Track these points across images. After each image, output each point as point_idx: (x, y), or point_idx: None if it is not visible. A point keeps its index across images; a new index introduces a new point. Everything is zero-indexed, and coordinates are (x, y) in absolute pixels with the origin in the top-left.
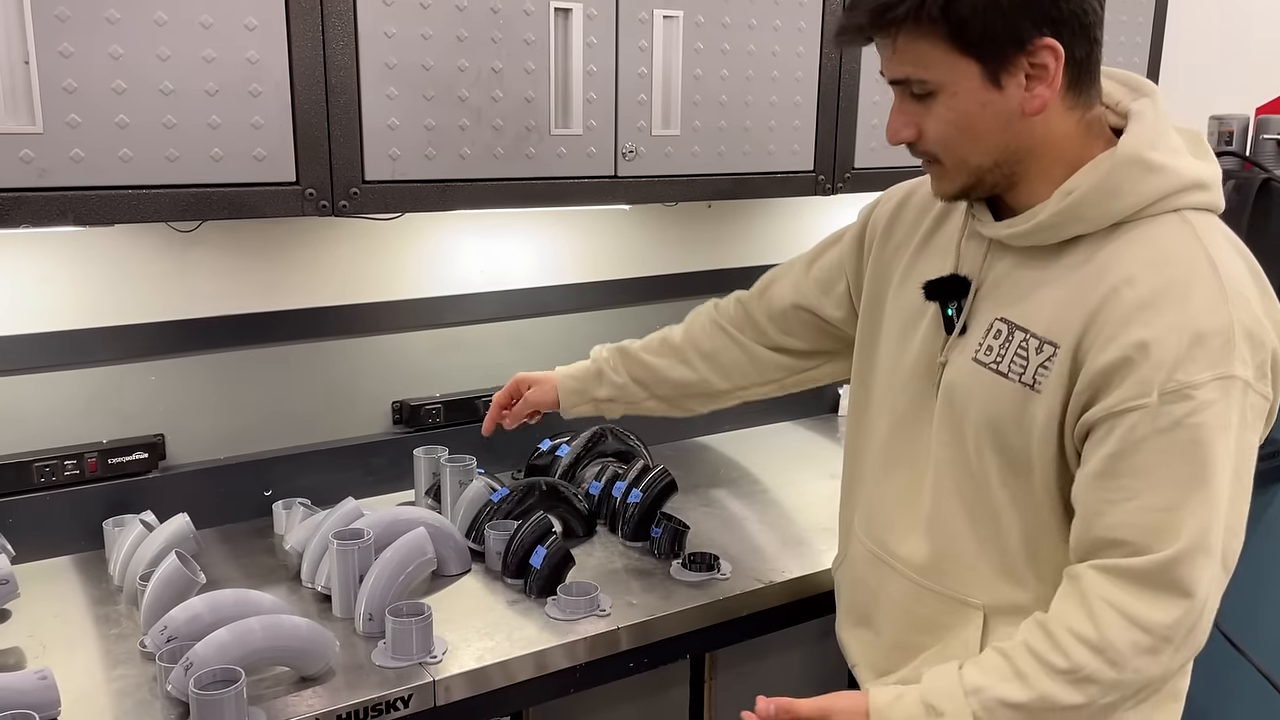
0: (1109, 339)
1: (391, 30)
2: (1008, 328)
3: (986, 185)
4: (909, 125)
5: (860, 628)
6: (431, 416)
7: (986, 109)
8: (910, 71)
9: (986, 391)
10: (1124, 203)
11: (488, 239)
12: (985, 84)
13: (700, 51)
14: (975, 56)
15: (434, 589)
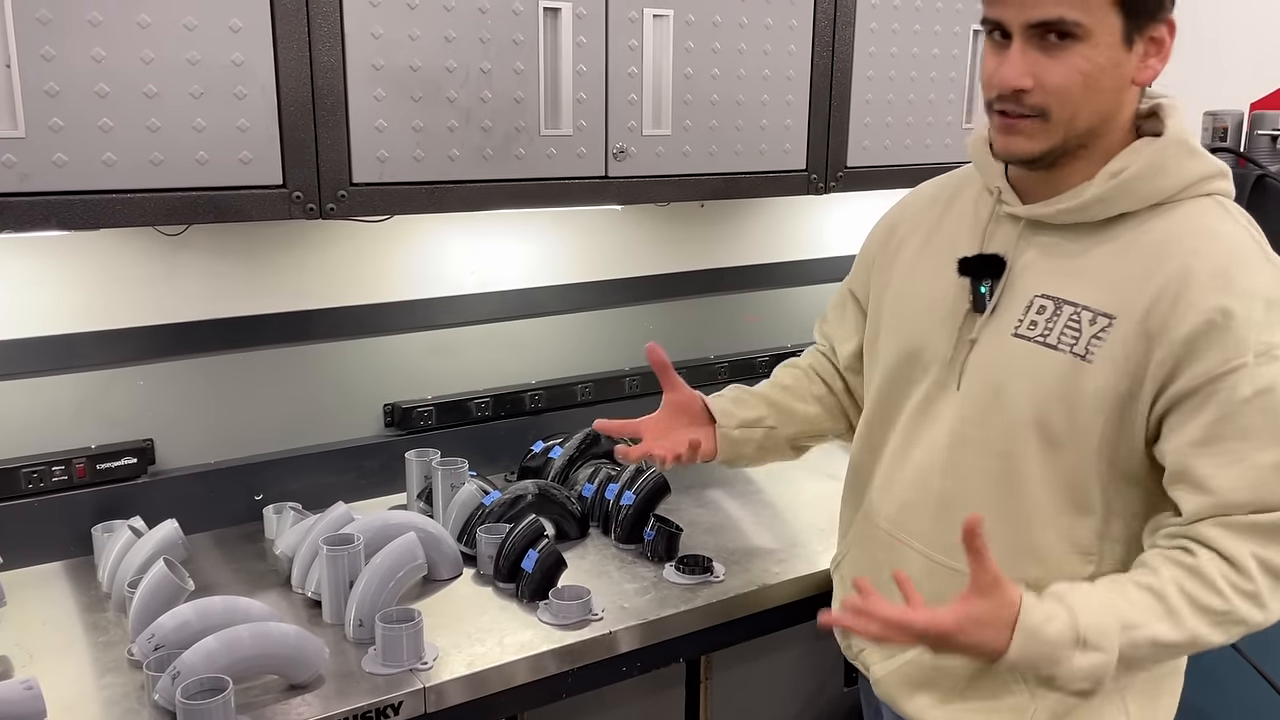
0: (1189, 306)
1: (378, 31)
2: (1053, 303)
3: (1064, 151)
4: (1027, 75)
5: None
6: (423, 419)
7: (1115, 68)
8: (1068, 11)
9: (1030, 364)
10: (1169, 181)
11: (479, 240)
12: (1122, 42)
13: (691, 51)
14: (1124, 12)
15: (425, 594)
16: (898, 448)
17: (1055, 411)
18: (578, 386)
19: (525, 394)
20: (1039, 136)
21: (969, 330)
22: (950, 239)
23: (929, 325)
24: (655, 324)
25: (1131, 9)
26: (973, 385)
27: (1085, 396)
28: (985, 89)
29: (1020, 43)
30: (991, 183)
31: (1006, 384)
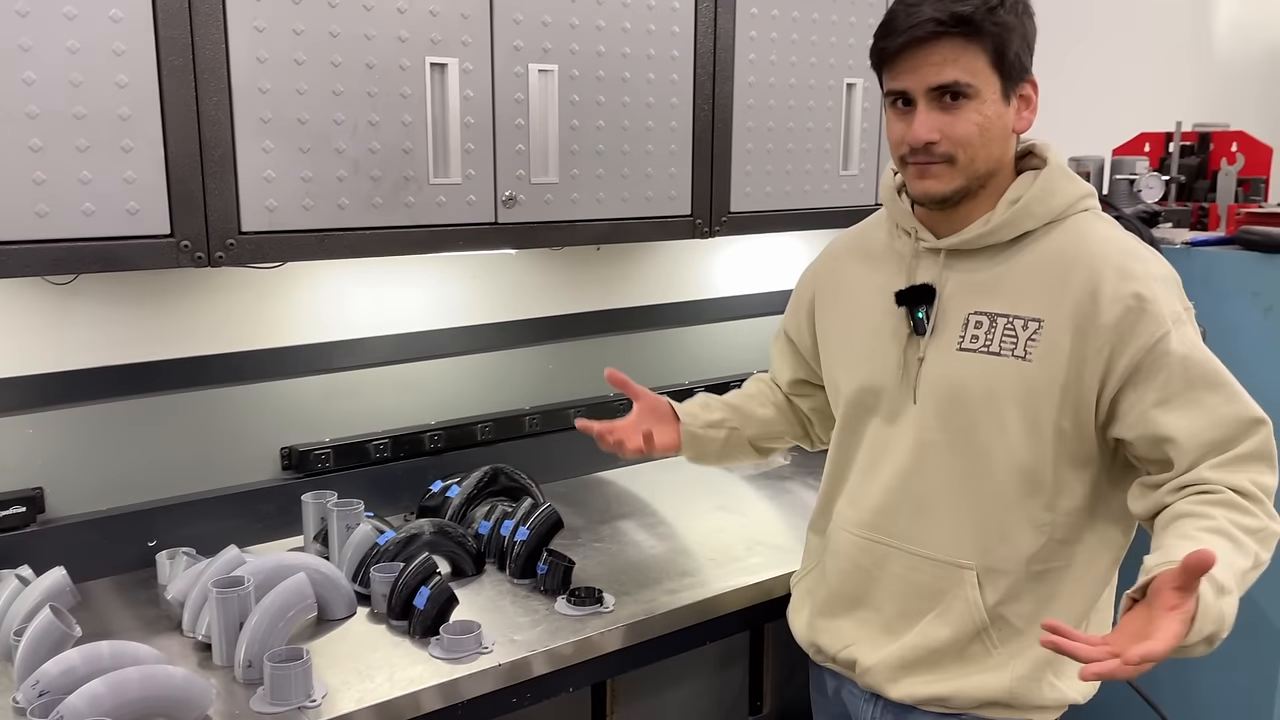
0: (1108, 298)
1: (266, 86)
2: (988, 318)
3: (968, 191)
4: (934, 130)
5: (856, 610)
6: (321, 461)
7: (999, 120)
8: (960, 76)
9: (980, 371)
10: (1057, 201)
11: (377, 284)
12: (1002, 99)
13: (576, 103)
14: (1001, 75)
15: (318, 634)
16: (864, 465)
17: (1007, 407)
18: (478, 426)
19: (424, 434)
20: (947, 178)
21: (915, 351)
22: (880, 279)
23: (877, 356)
24: (555, 364)
25: (1005, 72)
26: (928, 396)
27: (1030, 391)
28: (896, 147)
29: (924, 105)
30: (907, 224)
31: (961, 391)
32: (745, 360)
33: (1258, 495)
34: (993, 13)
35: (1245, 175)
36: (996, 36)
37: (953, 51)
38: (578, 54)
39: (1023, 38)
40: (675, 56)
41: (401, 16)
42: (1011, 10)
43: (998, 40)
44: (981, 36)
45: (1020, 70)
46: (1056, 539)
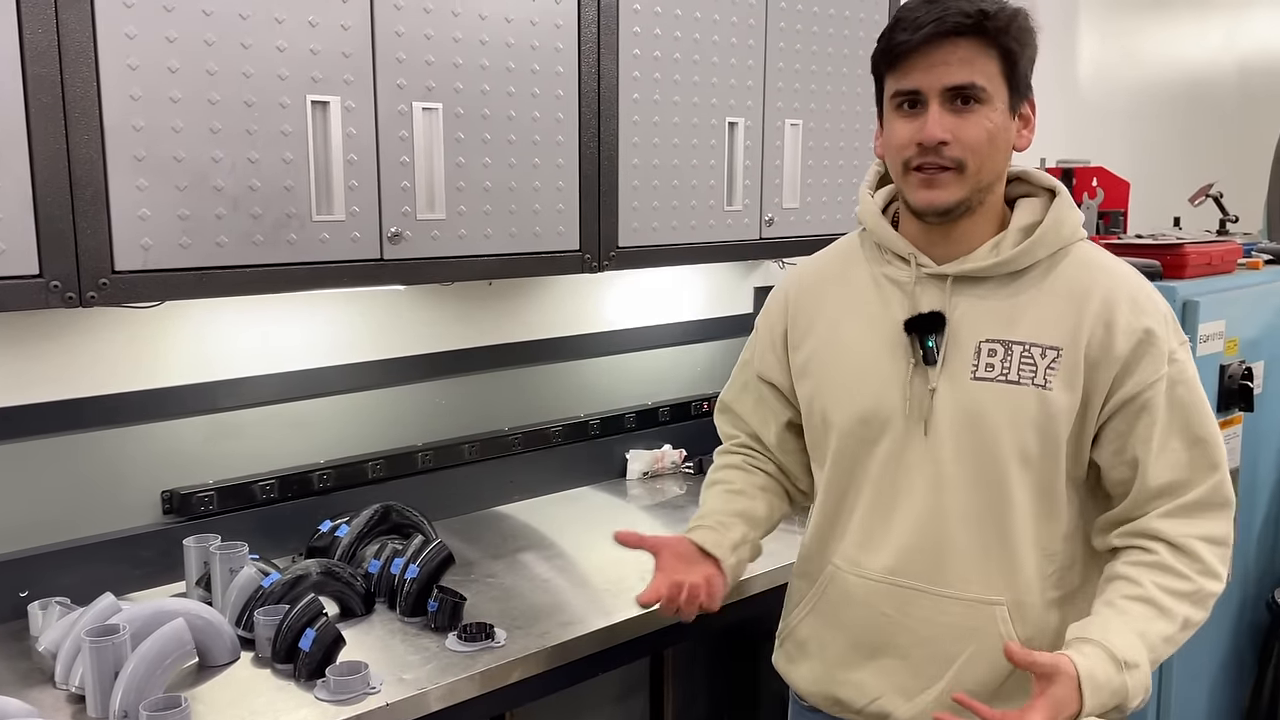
0: (1123, 329)
1: (140, 124)
2: (1002, 346)
3: (969, 204)
4: (947, 131)
5: (878, 659)
6: (205, 504)
7: (1005, 132)
8: (976, 78)
9: (1000, 400)
10: (1065, 231)
11: (263, 321)
12: (1009, 111)
13: (461, 141)
14: (1010, 86)
15: (200, 680)
16: (873, 503)
17: (1030, 437)
18: (368, 464)
19: (313, 474)
20: (954, 186)
21: (925, 382)
22: (867, 309)
23: (876, 387)
24: (448, 399)
25: (1014, 84)
26: (942, 429)
27: (1051, 419)
28: (901, 151)
29: (937, 106)
30: (903, 250)
31: (980, 422)
32: (637, 393)
33: (1198, 553)
34: (1014, 20)
35: (1105, 208)
36: (1011, 48)
37: (970, 52)
38: (462, 92)
39: (1031, 55)
40: (560, 95)
41: (281, 54)
42: (1024, 27)
43: (1013, 50)
44: (1000, 42)
45: (1026, 86)
46: (1063, 564)
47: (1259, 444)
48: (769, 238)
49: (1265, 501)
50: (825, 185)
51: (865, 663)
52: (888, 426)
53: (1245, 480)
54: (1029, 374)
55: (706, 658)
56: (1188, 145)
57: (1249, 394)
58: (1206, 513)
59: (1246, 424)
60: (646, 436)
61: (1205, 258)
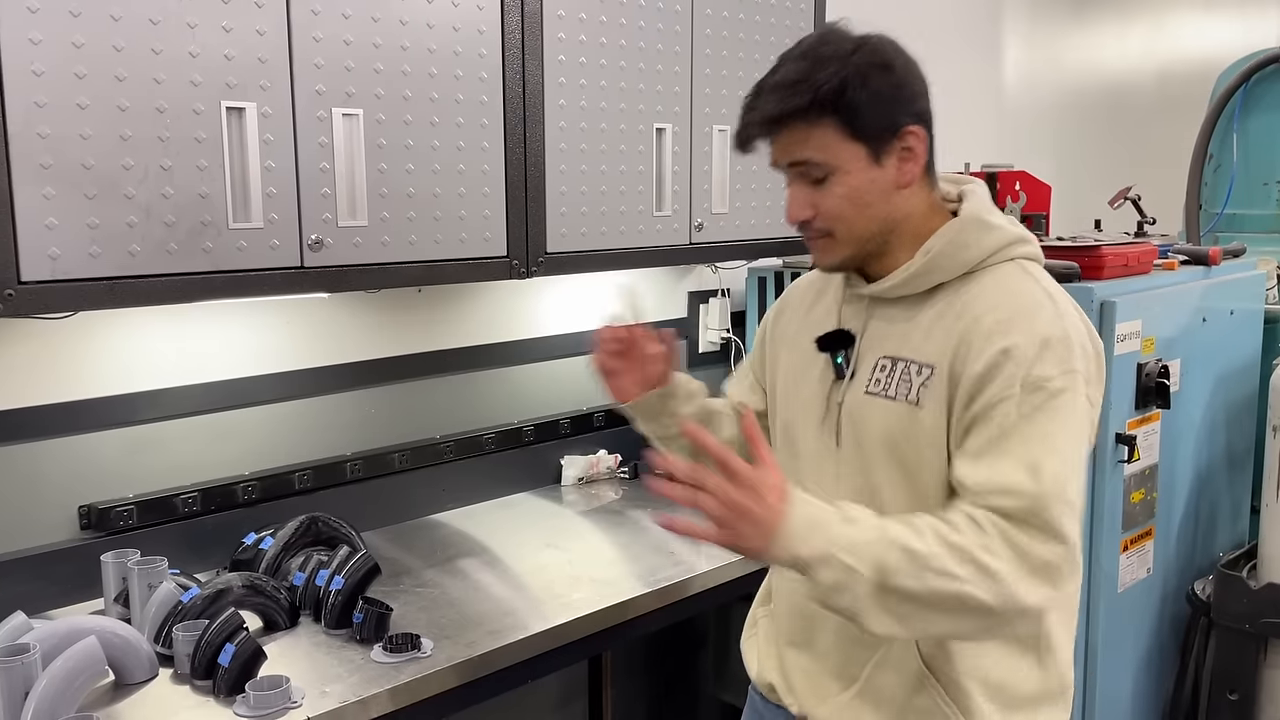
0: (979, 351)
1: (45, 131)
2: (891, 362)
3: (865, 254)
4: (806, 206)
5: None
6: (124, 519)
7: (873, 184)
8: (811, 155)
9: (880, 414)
10: (971, 253)
11: (183, 331)
12: (870, 163)
13: (384, 147)
14: (863, 140)
15: (116, 699)
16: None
17: (905, 449)
18: (295, 475)
19: (237, 485)
20: (832, 251)
21: (836, 395)
22: (818, 320)
23: (805, 396)
24: (378, 407)
25: (866, 137)
26: (846, 440)
27: (924, 433)
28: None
29: (792, 184)
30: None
31: (865, 435)
32: (572, 398)
33: (986, 528)
34: (831, 93)
35: (1028, 211)
36: (844, 111)
37: (798, 136)
38: (384, 98)
39: (881, 98)
40: (484, 101)
41: (194, 60)
42: (859, 78)
43: (846, 114)
44: (823, 117)
45: (888, 128)
46: None
47: (1176, 441)
48: (699, 243)
49: (1183, 497)
50: (754, 190)
51: (793, 658)
52: (808, 435)
53: (1164, 476)
54: (905, 390)
55: (644, 661)
56: (1108, 149)
57: (1166, 391)
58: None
59: (1164, 421)
60: (581, 442)
61: (1122, 259)
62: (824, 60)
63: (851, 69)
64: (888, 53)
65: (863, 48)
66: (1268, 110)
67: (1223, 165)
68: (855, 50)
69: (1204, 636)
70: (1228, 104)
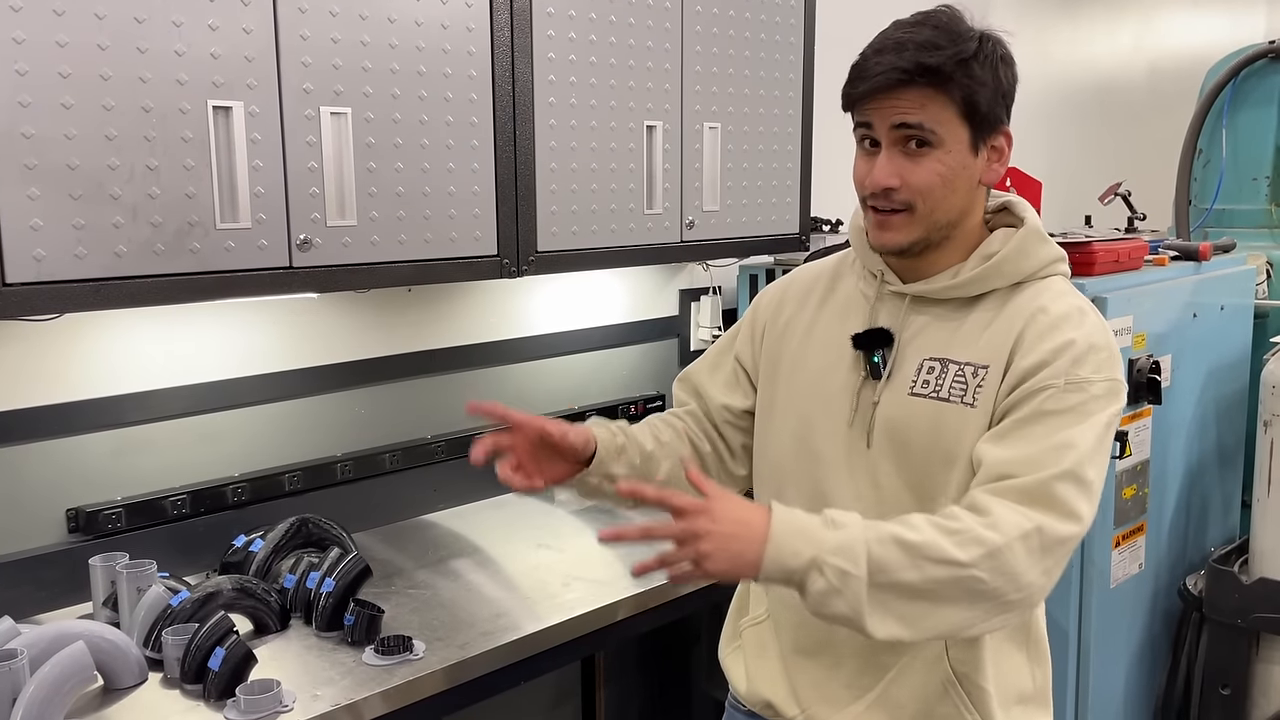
0: (1033, 345)
1: (30, 131)
2: (940, 364)
3: (929, 242)
4: (894, 175)
5: (815, 664)
6: (112, 522)
7: (965, 170)
8: (925, 120)
9: (930, 416)
10: (1028, 263)
11: (171, 332)
12: (969, 149)
13: (372, 146)
14: (971, 125)
15: (104, 705)
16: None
17: (955, 451)
18: (285, 476)
19: (227, 487)
20: (906, 229)
21: (870, 395)
22: (839, 318)
23: (827, 395)
24: (367, 408)
25: (975, 123)
26: (882, 440)
27: (975, 435)
28: (859, 189)
29: (887, 149)
30: (874, 266)
31: (908, 436)
32: (563, 397)
33: (986, 507)
34: (963, 65)
35: None
36: (966, 88)
37: (919, 99)
38: (372, 97)
39: (997, 89)
40: (474, 99)
41: (180, 59)
42: (986, 62)
43: (968, 92)
44: (950, 87)
45: (993, 121)
46: None
47: (1168, 436)
48: (690, 240)
49: (1175, 492)
50: (745, 188)
51: (801, 668)
52: (832, 435)
53: (1155, 471)
54: (959, 391)
55: (638, 661)
56: (1098, 145)
57: (1157, 387)
58: (1031, 503)
59: (1155, 417)
60: None
61: (1113, 255)
62: (962, 36)
63: (987, 51)
64: (1007, 49)
65: (988, 36)
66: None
67: (1212, 161)
68: (984, 36)
69: (1196, 631)
70: (1216, 99)
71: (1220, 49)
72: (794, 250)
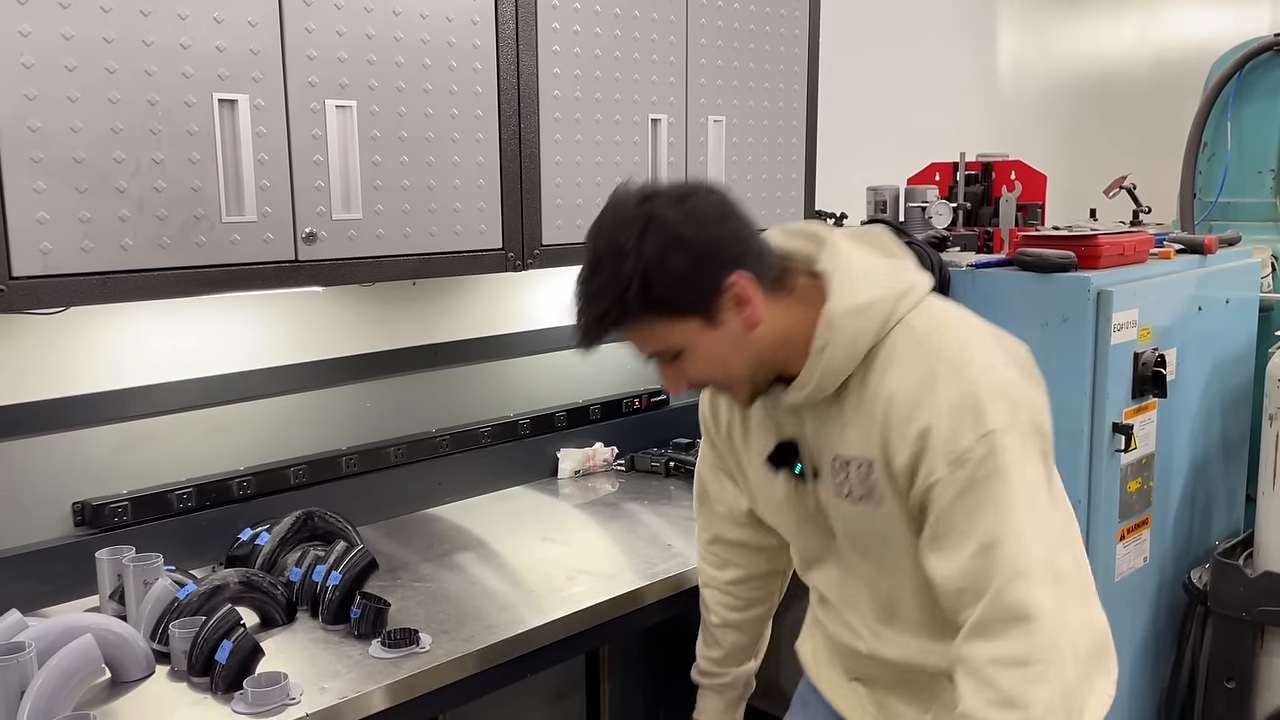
0: (900, 440)
1: (36, 124)
2: (841, 461)
3: (766, 378)
4: (680, 379)
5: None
6: (118, 515)
7: (722, 340)
8: (655, 346)
9: (855, 515)
10: (856, 346)
11: (176, 326)
12: (708, 327)
13: (377, 139)
14: (689, 315)
15: (112, 697)
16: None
17: (894, 539)
18: (291, 469)
19: (233, 481)
20: (733, 394)
21: (812, 501)
22: (760, 430)
23: (784, 507)
24: (373, 402)
25: (690, 313)
26: (840, 536)
27: (900, 524)
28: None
29: (659, 364)
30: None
31: (859, 532)
32: (568, 391)
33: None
34: (639, 294)
35: (1024, 201)
36: (656, 305)
37: (630, 335)
38: (377, 90)
39: (684, 279)
40: (479, 93)
41: (185, 52)
42: (656, 270)
43: (661, 307)
44: (641, 317)
45: (706, 295)
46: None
47: (1173, 429)
48: None
49: (1180, 486)
50: (749, 181)
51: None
52: (807, 537)
53: (1160, 465)
54: (860, 490)
55: (642, 655)
56: (1103, 138)
57: (1162, 380)
58: (1000, 630)
59: (1161, 410)
60: (577, 435)
61: (1119, 248)
62: (621, 255)
63: (647, 260)
64: (677, 221)
65: (650, 226)
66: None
67: (1217, 154)
68: (644, 232)
69: (1200, 625)
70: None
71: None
72: None
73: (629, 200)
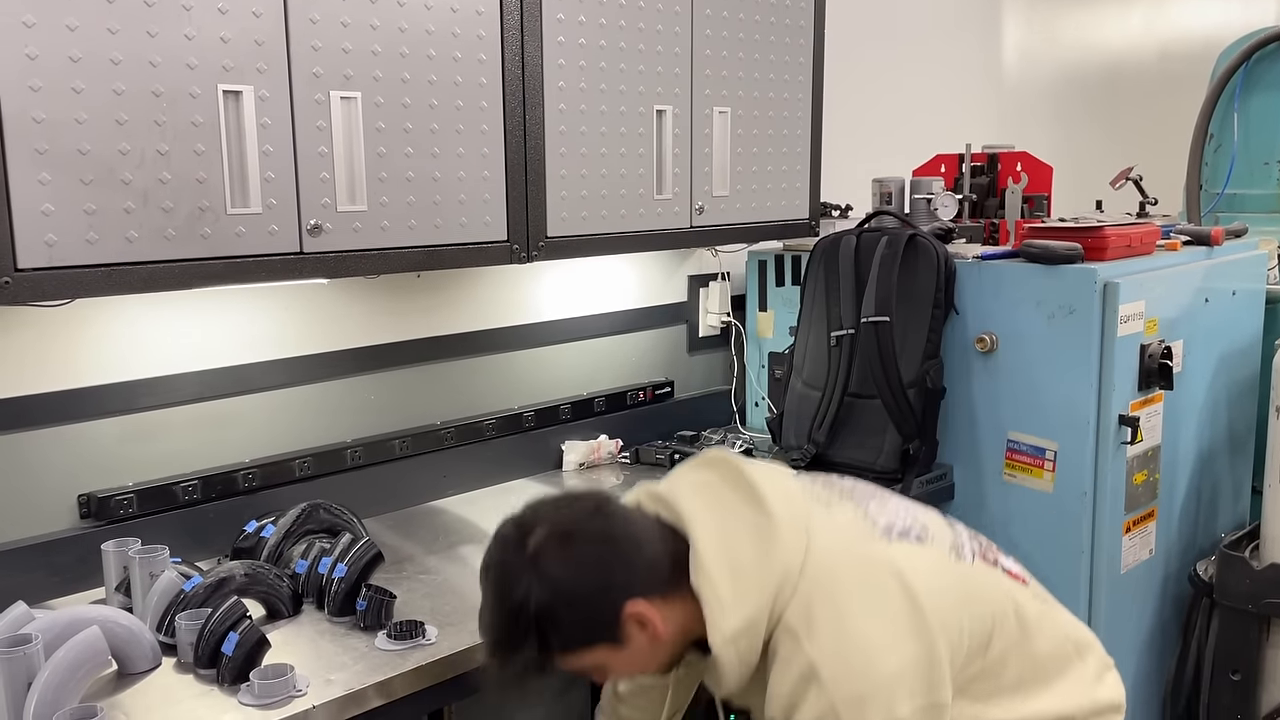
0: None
1: (41, 116)
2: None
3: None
4: (604, 679)
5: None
6: (124, 507)
7: (635, 654)
8: (573, 667)
9: None
10: (747, 662)
11: (181, 318)
12: (617, 647)
13: (382, 130)
14: (595, 643)
15: (119, 689)
16: None
17: None
18: (296, 462)
19: (238, 473)
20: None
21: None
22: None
23: None
24: (377, 394)
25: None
26: None
27: None
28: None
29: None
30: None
31: None
32: (572, 384)
33: None
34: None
35: (1029, 192)
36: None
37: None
38: (381, 81)
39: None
40: (483, 84)
41: (190, 43)
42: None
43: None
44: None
45: (604, 631)
46: None
47: (1179, 421)
48: (700, 226)
49: (1186, 478)
50: (755, 173)
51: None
52: None
53: (1166, 457)
54: None
55: None
56: (1109, 129)
57: (1169, 372)
58: None
59: (1167, 402)
60: (582, 427)
61: (1125, 240)
62: (515, 614)
63: (540, 616)
64: (564, 572)
65: (538, 578)
66: (1268, 89)
67: (1223, 145)
68: (531, 586)
69: (1206, 617)
70: (1228, 83)
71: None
72: (804, 235)
73: (511, 540)
